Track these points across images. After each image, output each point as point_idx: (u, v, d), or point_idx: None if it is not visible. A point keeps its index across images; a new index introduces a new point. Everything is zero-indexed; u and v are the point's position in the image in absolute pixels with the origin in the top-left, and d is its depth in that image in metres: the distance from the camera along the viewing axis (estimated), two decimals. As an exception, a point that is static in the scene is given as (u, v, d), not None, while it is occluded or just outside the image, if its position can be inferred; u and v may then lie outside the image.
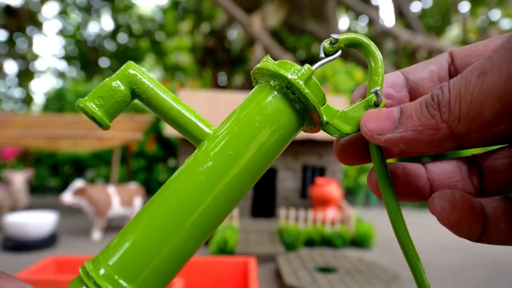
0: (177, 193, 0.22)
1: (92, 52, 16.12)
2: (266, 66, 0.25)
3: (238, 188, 0.23)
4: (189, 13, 15.88)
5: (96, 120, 0.23)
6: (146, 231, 0.21)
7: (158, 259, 0.21)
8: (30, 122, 6.36)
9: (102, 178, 8.67)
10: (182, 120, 0.24)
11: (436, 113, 0.20)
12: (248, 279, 2.41)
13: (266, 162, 0.24)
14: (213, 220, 0.22)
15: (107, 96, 0.23)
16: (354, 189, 8.14)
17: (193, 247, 0.22)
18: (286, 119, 0.24)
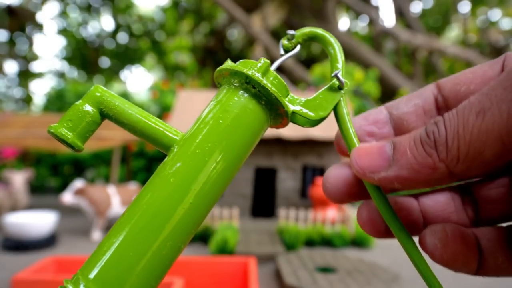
0: (149, 199, 0.22)
1: (92, 52, 16.12)
2: (224, 67, 0.25)
3: (211, 186, 0.23)
4: (189, 13, 15.88)
5: (68, 144, 0.23)
6: (123, 241, 0.21)
7: (139, 267, 0.20)
8: (30, 122, 6.36)
9: (102, 178, 8.68)
10: (150, 131, 0.25)
11: (433, 152, 0.19)
12: (248, 279, 2.41)
13: (236, 158, 0.24)
14: (191, 221, 0.22)
15: (76, 119, 0.23)
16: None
17: (175, 251, 0.22)
18: (251, 114, 0.24)
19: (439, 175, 0.19)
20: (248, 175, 5.56)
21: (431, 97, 0.25)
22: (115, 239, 0.21)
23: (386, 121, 0.26)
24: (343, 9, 14.99)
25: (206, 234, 4.51)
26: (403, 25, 13.29)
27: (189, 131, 0.24)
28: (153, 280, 0.21)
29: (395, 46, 13.97)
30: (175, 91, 8.63)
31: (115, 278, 0.20)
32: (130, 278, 0.20)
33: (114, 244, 0.21)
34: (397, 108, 0.26)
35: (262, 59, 0.25)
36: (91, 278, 0.20)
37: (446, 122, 0.19)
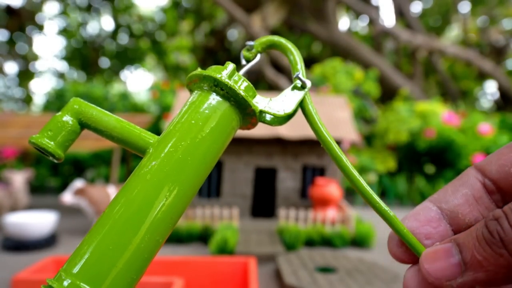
0: (128, 197, 0.23)
1: (92, 52, 16.12)
2: (194, 73, 0.27)
3: (187, 181, 0.24)
4: (189, 13, 15.88)
5: (49, 152, 0.24)
6: (104, 236, 0.22)
7: (120, 260, 0.21)
8: (30, 122, 6.36)
9: (102, 178, 8.67)
10: (126, 136, 0.26)
11: (504, 252, 0.19)
12: (248, 279, 2.41)
13: (210, 155, 0.25)
14: (168, 215, 0.23)
15: (56, 129, 0.25)
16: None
17: (153, 244, 0.22)
18: (221, 114, 0.26)
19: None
20: (248, 175, 5.56)
21: (478, 184, 0.25)
22: (96, 235, 0.22)
23: (439, 217, 0.25)
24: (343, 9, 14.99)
25: (206, 234, 4.50)
26: (403, 25, 13.29)
27: (163, 133, 0.26)
28: (133, 273, 0.22)
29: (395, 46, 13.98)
30: (175, 91, 8.63)
31: (98, 272, 0.21)
32: (112, 271, 0.21)
33: (95, 240, 0.22)
34: (446, 202, 0.25)
35: (228, 63, 0.27)
36: (75, 273, 0.21)
37: (510, 218, 0.19)
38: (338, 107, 6.06)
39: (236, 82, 0.26)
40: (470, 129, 8.09)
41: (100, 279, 0.20)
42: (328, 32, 12.03)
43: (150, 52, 16.13)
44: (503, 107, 13.81)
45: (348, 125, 5.84)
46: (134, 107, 9.61)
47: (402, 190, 8.23)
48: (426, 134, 7.89)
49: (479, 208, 0.25)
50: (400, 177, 8.44)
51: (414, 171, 8.59)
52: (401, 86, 11.20)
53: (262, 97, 0.28)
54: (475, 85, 15.51)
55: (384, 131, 8.37)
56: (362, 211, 7.01)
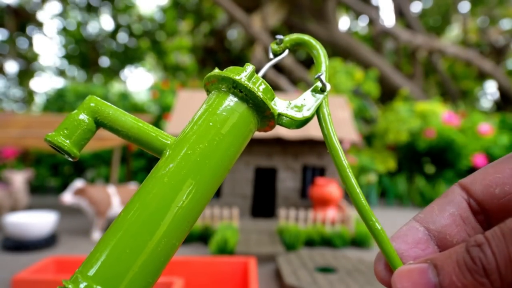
0: (144, 199, 0.23)
1: (92, 51, 16.12)
2: (212, 74, 0.26)
3: (205, 184, 0.24)
4: (189, 13, 15.88)
5: (65, 151, 0.24)
6: (120, 239, 0.21)
7: (136, 263, 0.21)
8: (30, 122, 6.36)
9: (102, 178, 8.67)
10: (143, 136, 0.26)
11: (485, 281, 0.18)
12: (248, 279, 2.41)
13: (228, 158, 0.25)
14: (185, 218, 0.23)
15: (72, 128, 0.24)
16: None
17: (170, 247, 0.22)
18: (239, 116, 0.25)
19: None
20: (248, 175, 5.56)
21: (464, 203, 0.24)
22: (113, 237, 0.22)
23: (427, 239, 0.25)
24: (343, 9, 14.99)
25: (206, 234, 4.51)
26: (403, 25, 13.29)
27: (180, 135, 0.25)
28: (149, 276, 0.21)
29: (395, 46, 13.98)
30: (175, 91, 8.64)
31: (114, 275, 0.20)
32: (128, 274, 0.21)
33: (111, 242, 0.21)
34: (433, 222, 0.25)
35: (248, 65, 0.26)
36: (91, 276, 0.20)
37: (493, 246, 0.18)
38: (338, 107, 6.06)
39: (255, 84, 0.26)
40: (470, 129, 8.09)
41: (116, 282, 0.20)
42: (328, 32, 12.02)
43: (150, 52, 16.13)
44: (503, 107, 13.80)
45: (348, 125, 5.84)
46: (134, 107, 9.60)
47: (402, 190, 8.23)
48: (426, 134, 7.89)
49: (467, 228, 0.24)
50: (400, 177, 8.44)
51: (414, 171, 8.59)
52: (401, 86, 11.20)
53: (281, 100, 0.28)
54: (475, 85, 15.50)
55: (384, 131, 8.37)
56: (362, 211, 7.00)
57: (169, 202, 0.22)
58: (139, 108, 9.57)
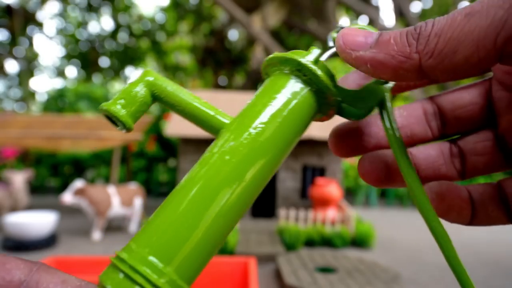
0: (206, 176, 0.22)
1: (92, 51, 16.12)
2: (275, 55, 0.26)
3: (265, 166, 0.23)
4: (189, 13, 15.88)
5: (121, 121, 0.23)
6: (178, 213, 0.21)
7: (192, 241, 0.20)
8: (30, 122, 6.36)
9: (102, 178, 8.68)
10: (200, 113, 0.25)
11: (413, 43, 0.20)
12: (248, 279, 2.41)
13: (287, 141, 0.24)
14: (245, 199, 0.22)
15: (129, 99, 0.24)
16: (354, 189, 8.14)
17: (226, 228, 0.22)
18: (301, 99, 0.25)
19: (410, 66, 0.20)
20: (248, 175, 5.56)
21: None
22: (169, 210, 0.21)
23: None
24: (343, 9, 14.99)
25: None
26: (403, 25, 13.29)
27: (240, 114, 0.25)
28: (205, 256, 0.21)
29: (395, 46, 13.96)
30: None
31: (168, 248, 0.20)
32: (182, 250, 0.20)
33: (168, 215, 0.21)
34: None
35: (313, 47, 0.26)
36: (145, 246, 0.20)
37: (435, 21, 0.20)
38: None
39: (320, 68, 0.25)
40: (470, 129, 8.10)
41: (170, 256, 0.20)
42: (328, 32, 12.03)
43: (150, 52, 16.13)
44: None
45: (348, 125, 5.84)
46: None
47: (402, 190, 8.23)
48: (426, 134, 7.89)
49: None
50: (400, 177, 8.44)
51: (414, 171, 8.58)
52: (401, 86, 11.22)
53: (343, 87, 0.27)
54: (475, 85, 15.49)
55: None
56: (362, 211, 7.01)
57: (232, 181, 0.22)
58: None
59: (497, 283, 3.56)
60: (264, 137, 0.23)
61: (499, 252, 4.59)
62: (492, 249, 4.70)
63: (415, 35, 0.20)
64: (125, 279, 0.19)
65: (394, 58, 0.20)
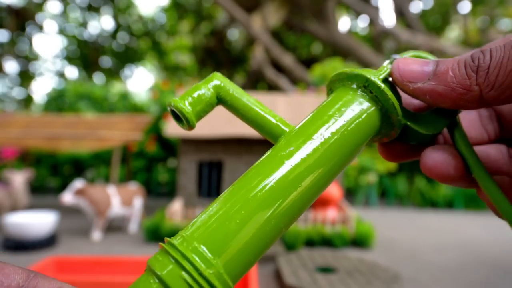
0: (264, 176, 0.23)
1: (92, 51, 16.12)
2: (344, 70, 0.26)
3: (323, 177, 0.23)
4: (189, 13, 15.88)
5: (186, 118, 0.25)
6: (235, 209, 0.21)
7: (243, 238, 0.21)
8: (30, 122, 6.36)
9: (102, 178, 8.68)
10: (261, 119, 0.26)
11: (473, 75, 0.20)
12: (248, 279, 2.41)
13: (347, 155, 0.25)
14: (298, 206, 0.23)
15: (197, 98, 0.25)
16: (354, 189, 8.14)
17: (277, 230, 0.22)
18: (367, 116, 0.25)
19: (471, 97, 0.20)
20: (248, 175, 5.56)
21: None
22: (227, 205, 0.22)
23: None
24: (343, 9, 14.99)
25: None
26: (403, 25, 13.29)
27: (301, 123, 0.25)
28: (253, 256, 0.21)
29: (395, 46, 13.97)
30: (175, 91, 8.63)
31: (220, 241, 0.20)
32: (233, 245, 0.20)
33: (225, 209, 0.21)
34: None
35: (383, 67, 0.26)
36: (196, 238, 0.20)
37: (493, 52, 0.20)
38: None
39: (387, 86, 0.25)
40: (470, 129, 8.08)
41: (221, 249, 0.20)
42: (328, 32, 12.02)
43: (150, 52, 16.13)
44: (503, 107, 13.79)
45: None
46: (134, 107, 9.61)
47: (402, 190, 8.23)
48: (426, 134, 7.89)
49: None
50: (401, 177, 8.44)
51: (414, 171, 8.59)
52: (401, 86, 11.20)
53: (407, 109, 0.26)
54: (475, 85, 15.46)
55: (384, 131, 8.36)
56: (362, 211, 7.01)
57: (288, 186, 0.22)
58: (139, 109, 9.57)
59: (497, 283, 3.56)
60: (325, 148, 0.24)
61: (499, 252, 4.59)
62: (492, 249, 4.70)
63: (473, 67, 0.20)
64: (174, 265, 0.19)
65: (454, 90, 0.21)
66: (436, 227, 5.88)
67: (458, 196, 7.60)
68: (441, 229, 5.75)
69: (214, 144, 5.65)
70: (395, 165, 8.34)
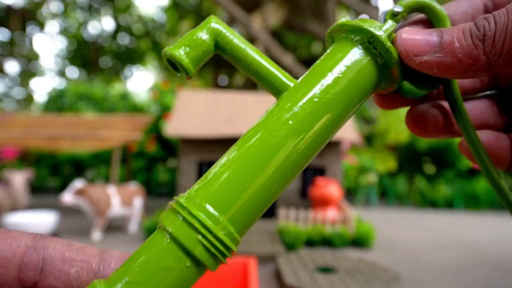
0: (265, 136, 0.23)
1: (92, 52, 16.12)
2: (348, 22, 0.25)
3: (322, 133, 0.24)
4: (189, 13, 15.88)
5: (183, 67, 0.24)
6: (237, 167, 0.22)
7: (248, 194, 0.21)
8: (30, 122, 6.36)
9: (102, 178, 8.68)
10: (264, 72, 0.25)
11: (480, 45, 0.20)
12: (248, 279, 2.40)
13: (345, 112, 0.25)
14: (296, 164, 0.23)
15: (193, 46, 0.24)
16: (354, 189, 8.14)
17: (280, 186, 0.23)
18: (367, 72, 0.25)
19: (479, 67, 0.20)
20: (248, 175, 5.57)
21: (481, 4, 0.26)
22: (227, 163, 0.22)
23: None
24: (343, 9, 14.99)
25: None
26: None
27: (303, 79, 0.25)
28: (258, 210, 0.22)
29: (395, 46, 13.98)
30: (175, 91, 8.63)
31: (225, 199, 0.21)
32: (237, 202, 0.21)
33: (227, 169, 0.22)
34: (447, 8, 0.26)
35: (389, 21, 0.25)
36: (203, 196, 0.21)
37: (496, 19, 0.20)
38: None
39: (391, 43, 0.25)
40: (470, 129, 8.09)
41: (226, 206, 0.21)
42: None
43: (151, 52, 16.13)
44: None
45: (348, 125, 5.84)
46: (134, 107, 9.61)
47: (402, 190, 8.23)
48: (426, 134, 7.89)
49: None
50: (400, 177, 8.44)
51: (415, 171, 8.59)
52: (401, 86, 11.22)
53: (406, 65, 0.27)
54: (475, 85, 15.50)
55: (384, 131, 8.37)
56: (362, 211, 7.01)
57: (288, 144, 0.22)
58: (139, 108, 9.57)
59: (497, 283, 3.56)
60: (326, 105, 0.24)
61: (499, 252, 4.59)
62: (492, 249, 4.70)
63: (479, 36, 0.20)
64: (183, 222, 0.20)
65: (462, 61, 0.21)
66: (436, 227, 5.88)
67: (458, 196, 7.60)
68: (441, 229, 5.75)
69: (214, 144, 5.65)
70: (395, 165, 8.34)
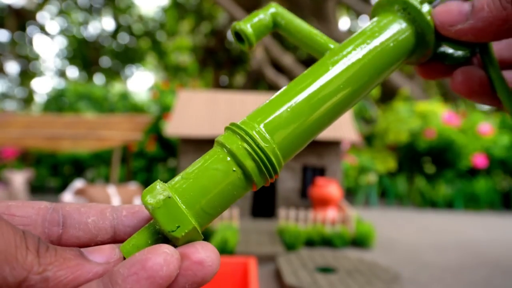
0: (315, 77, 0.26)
1: (93, 51, 16.12)
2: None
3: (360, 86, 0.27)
4: (189, 13, 15.88)
5: (248, 37, 0.30)
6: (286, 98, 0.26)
7: (299, 127, 0.25)
8: (30, 122, 6.36)
9: (102, 178, 8.68)
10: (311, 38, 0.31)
11: (508, 6, 0.22)
12: (248, 279, 2.40)
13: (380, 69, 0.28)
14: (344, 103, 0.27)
15: (256, 22, 0.30)
16: (354, 189, 8.14)
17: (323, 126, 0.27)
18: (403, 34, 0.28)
19: (509, 27, 0.22)
20: (248, 175, 5.56)
21: None
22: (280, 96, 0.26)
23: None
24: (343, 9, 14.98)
25: (206, 234, 4.51)
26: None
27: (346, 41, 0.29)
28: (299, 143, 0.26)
29: (395, 46, 13.95)
30: (175, 91, 8.63)
31: (277, 127, 0.25)
32: (287, 131, 0.25)
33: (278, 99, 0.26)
34: None
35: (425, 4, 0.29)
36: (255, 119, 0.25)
37: None
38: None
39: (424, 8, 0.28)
40: (470, 129, 8.08)
41: (278, 133, 0.24)
42: (328, 32, 12.02)
43: (151, 52, 16.13)
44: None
45: (348, 125, 5.84)
46: (134, 107, 9.61)
47: (402, 190, 8.23)
48: (426, 134, 7.89)
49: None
50: (400, 177, 8.44)
51: (414, 171, 8.59)
52: (401, 86, 11.20)
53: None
54: (475, 85, 15.46)
55: (384, 131, 8.37)
56: (362, 211, 7.01)
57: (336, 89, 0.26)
58: (139, 108, 9.57)
59: (497, 283, 3.56)
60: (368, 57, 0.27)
61: (499, 252, 4.59)
62: (492, 249, 4.70)
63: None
64: (239, 140, 0.24)
65: (492, 24, 0.23)
66: (436, 227, 5.88)
67: (458, 196, 7.60)
68: (441, 229, 5.75)
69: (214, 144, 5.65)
70: (395, 165, 8.34)
